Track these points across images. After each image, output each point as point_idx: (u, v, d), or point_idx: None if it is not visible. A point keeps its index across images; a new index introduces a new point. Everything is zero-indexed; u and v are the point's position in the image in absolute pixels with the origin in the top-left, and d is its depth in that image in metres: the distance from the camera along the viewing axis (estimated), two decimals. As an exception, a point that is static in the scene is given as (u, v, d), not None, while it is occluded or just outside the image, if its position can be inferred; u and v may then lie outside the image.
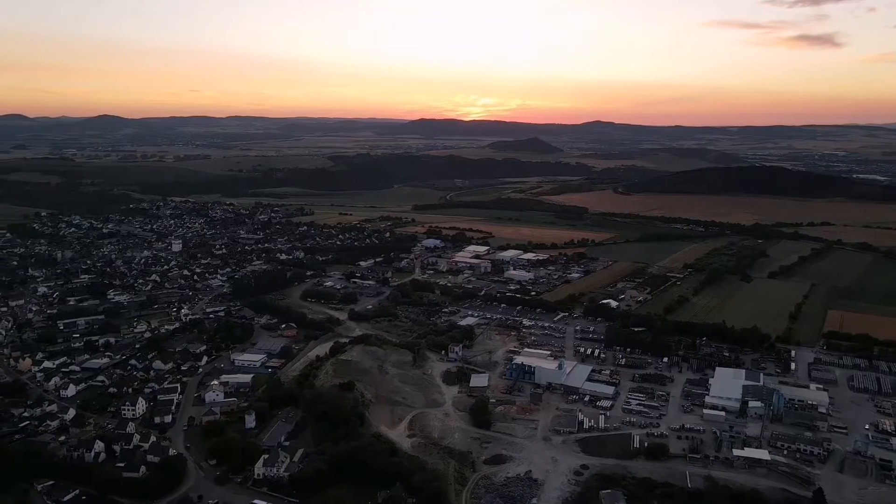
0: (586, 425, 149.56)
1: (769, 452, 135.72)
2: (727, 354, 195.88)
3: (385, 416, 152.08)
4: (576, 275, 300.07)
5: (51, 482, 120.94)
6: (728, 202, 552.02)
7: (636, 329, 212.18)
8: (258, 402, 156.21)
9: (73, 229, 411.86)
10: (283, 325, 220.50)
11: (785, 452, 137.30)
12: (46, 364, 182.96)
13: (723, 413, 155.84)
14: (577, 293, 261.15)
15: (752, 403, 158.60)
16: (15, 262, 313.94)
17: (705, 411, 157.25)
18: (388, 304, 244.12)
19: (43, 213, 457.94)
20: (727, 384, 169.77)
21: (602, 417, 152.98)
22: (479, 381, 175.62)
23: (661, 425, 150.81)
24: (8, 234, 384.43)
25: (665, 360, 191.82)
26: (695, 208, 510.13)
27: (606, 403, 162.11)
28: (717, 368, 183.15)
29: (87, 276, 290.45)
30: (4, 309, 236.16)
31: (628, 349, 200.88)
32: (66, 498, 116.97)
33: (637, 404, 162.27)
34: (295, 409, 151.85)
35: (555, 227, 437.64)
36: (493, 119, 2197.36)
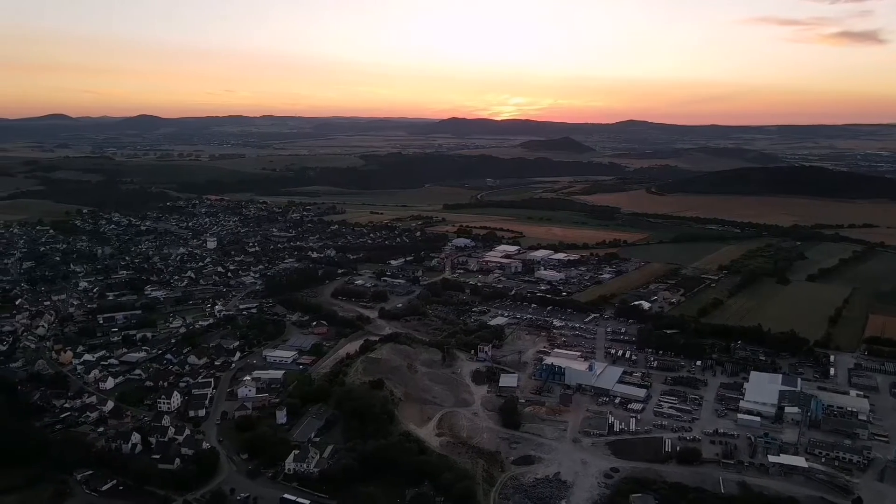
0: (617, 428, 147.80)
1: (806, 460, 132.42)
2: (763, 359, 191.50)
3: (414, 415, 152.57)
4: (607, 275, 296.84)
5: (90, 472, 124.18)
6: (766, 203, 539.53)
7: (669, 331, 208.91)
8: (289, 398, 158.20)
9: (112, 226, 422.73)
10: (315, 323, 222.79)
11: (823, 460, 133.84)
12: (87, 357, 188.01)
13: (758, 418, 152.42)
14: (608, 294, 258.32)
15: (788, 409, 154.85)
16: (58, 258, 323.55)
17: (740, 416, 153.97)
18: (417, 303, 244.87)
19: (84, 211, 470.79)
20: (763, 389, 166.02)
21: (633, 420, 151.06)
22: (508, 381, 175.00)
23: (693, 429, 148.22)
24: (51, 231, 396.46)
25: (698, 363, 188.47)
26: (731, 209, 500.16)
27: (637, 406, 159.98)
28: (752, 373, 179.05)
29: (125, 271, 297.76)
30: (47, 303, 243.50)
31: (660, 351, 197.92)
32: (104, 488, 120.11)
33: (669, 407, 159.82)
34: (325, 406, 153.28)
35: (586, 228, 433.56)
36: (524, 118, 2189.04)
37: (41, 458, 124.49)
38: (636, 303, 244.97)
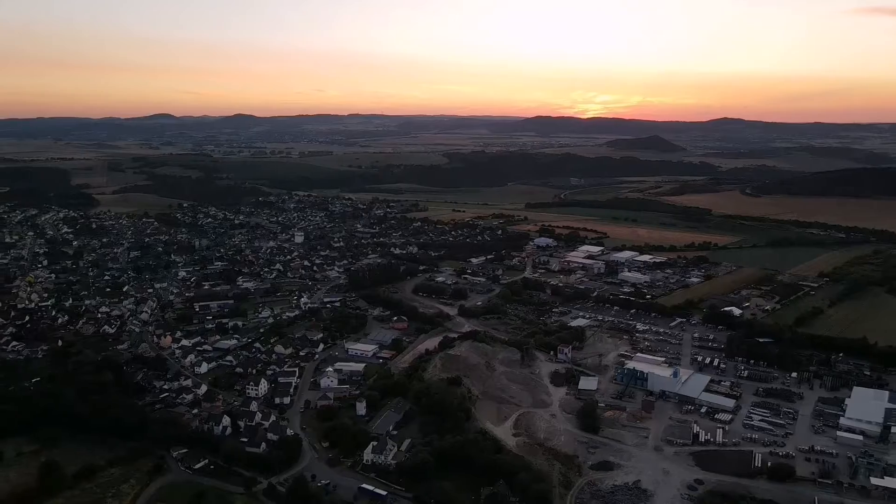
0: (702, 438, 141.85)
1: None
2: (868, 374, 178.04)
3: (491, 413, 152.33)
4: (695, 279, 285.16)
5: (185, 450, 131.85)
6: (875, 206, 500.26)
7: (762, 340, 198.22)
8: (369, 390, 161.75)
9: (209, 220, 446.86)
10: (395, 318, 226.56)
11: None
12: (184, 342, 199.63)
13: (860, 437, 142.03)
14: (696, 298, 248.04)
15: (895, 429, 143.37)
16: (160, 249, 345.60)
17: (839, 433, 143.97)
18: (497, 302, 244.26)
19: (184, 205, 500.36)
20: (867, 405, 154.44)
21: (720, 431, 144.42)
22: (588, 383, 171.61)
23: (786, 445, 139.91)
24: (155, 223, 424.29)
25: (794, 375, 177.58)
26: (835, 212, 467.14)
27: (725, 417, 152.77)
28: (854, 388, 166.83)
29: (220, 263, 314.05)
30: (150, 290, 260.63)
31: (752, 361, 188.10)
32: (196, 466, 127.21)
33: (760, 420, 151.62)
34: (403, 400, 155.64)
35: (674, 229, 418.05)
36: (611, 116, 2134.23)
37: (142, 434, 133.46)
38: (726, 309, 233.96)
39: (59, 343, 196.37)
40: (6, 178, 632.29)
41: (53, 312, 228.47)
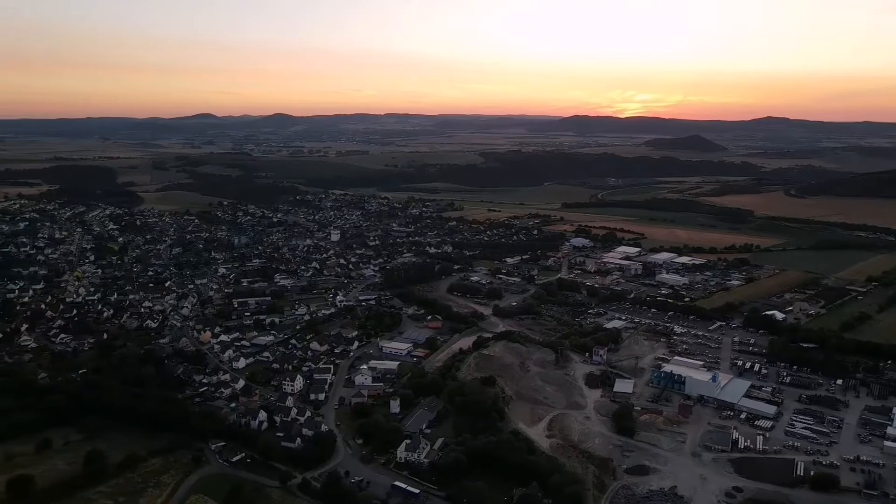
0: (741, 445, 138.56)
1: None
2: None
3: (524, 414, 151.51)
4: (736, 282, 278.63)
5: (222, 443, 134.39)
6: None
7: (805, 345, 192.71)
8: (403, 388, 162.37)
9: (248, 217, 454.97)
10: (429, 317, 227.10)
11: None
12: (223, 338, 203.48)
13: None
14: (736, 302, 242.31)
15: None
16: (201, 245, 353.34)
17: (887, 443, 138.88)
18: (532, 302, 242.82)
19: (224, 203, 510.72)
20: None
21: (760, 438, 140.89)
22: (623, 386, 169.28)
23: (830, 454, 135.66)
24: (196, 221, 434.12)
25: (839, 382, 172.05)
26: (885, 215, 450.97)
27: (766, 423, 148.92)
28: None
29: (258, 260, 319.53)
30: (191, 286, 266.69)
31: (795, 367, 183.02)
32: (234, 459, 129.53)
33: (803, 428, 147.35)
34: (437, 399, 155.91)
35: (714, 231, 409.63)
36: (650, 116, 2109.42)
37: (182, 426, 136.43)
38: (768, 313, 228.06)
39: (105, 336, 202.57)
40: (57, 175, 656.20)
41: (99, 306, 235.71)
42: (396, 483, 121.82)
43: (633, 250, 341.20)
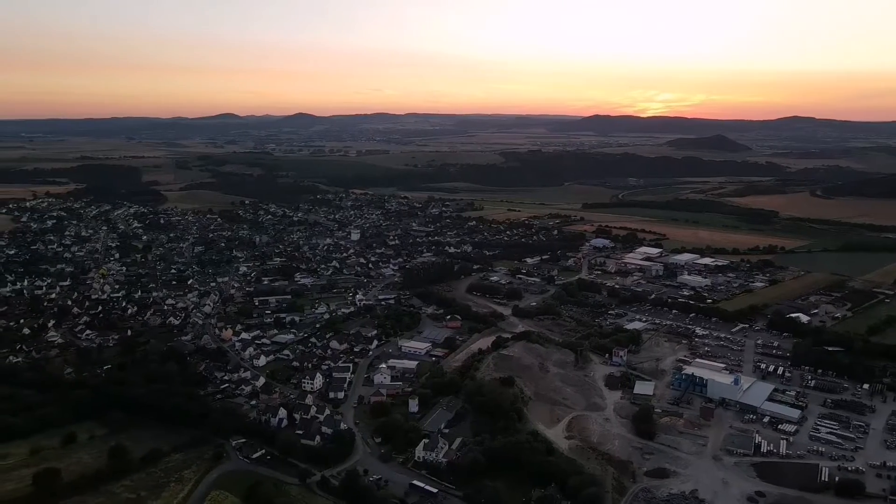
0: (764, 449, 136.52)
1: None
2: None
3: (543, 415, 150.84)
4: (759, 284, 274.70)
5: (243, 440, 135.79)
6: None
7: (831, 349, 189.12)
8: (422, 388, 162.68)
9: (269, 216, 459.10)
10: (448, 316, 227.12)
11: None
12: (244, 335, 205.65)
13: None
14: (759, 304, 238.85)
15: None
16: (223, 244, 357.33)
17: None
18: (552, 303, 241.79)
19: (246, 202, 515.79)
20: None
21: (784, 442, 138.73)
22: (643, 388, 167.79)
23: (856, 459, 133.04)
24: (219, 219, 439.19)
25: (866, 386, 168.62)
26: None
27: (790, 428, 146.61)
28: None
29: (278, 259, 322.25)
30: (213, 284, 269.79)
31: (819, 370, 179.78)
32: (254, 455, 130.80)
33: (827, 433, 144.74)
34: (456, 399, 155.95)
35: (738, 232, 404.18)
36: (672, 115, 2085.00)
37: (203, 423, 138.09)
38: (793, 315, 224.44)
39: (129, 333, 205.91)
40: (84, 174, 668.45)
41: (124, 303, 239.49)
42: (415, 482, 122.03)
43: (654, 251, 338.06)
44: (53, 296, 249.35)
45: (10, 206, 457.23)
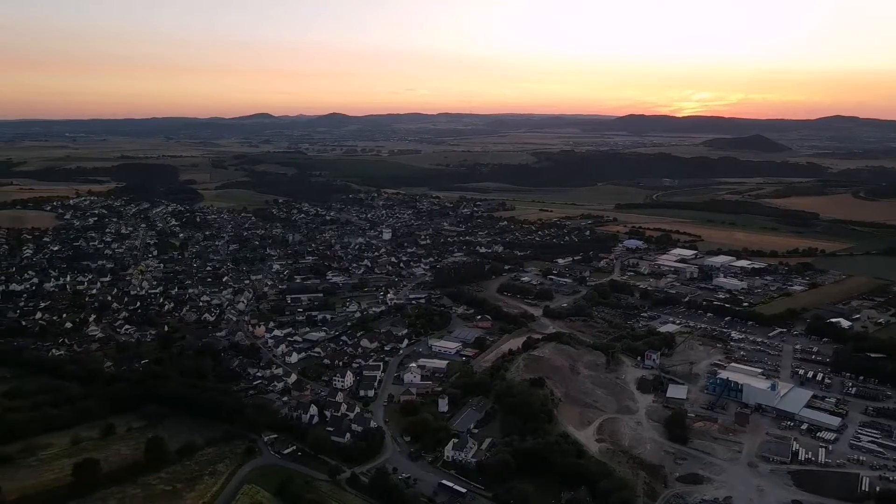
0: (802, 457, 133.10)
1: None
2: None
3: (573, 417, 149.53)
4: (798, 287, 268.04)
5: (275, 436, 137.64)
6: None
7: (873, 355, 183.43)
8: (451, 387, 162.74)
9: (302, 215, 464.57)
10: (479, 316, 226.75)
11: None
12: (276, 332, 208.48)
13: None
14: (798, 308, 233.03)
15: None
16: (257, 242, 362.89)
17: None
18: (583, 304, 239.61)
19: (280, 200, 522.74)
20: None
21: (822, 451, 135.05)
22: (676, 392, 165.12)
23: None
24: (253, 218, 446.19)
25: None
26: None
27: (829, 436, 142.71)
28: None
29: (311, 257, 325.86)
30: (247, 282, 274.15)
31: (861, 377, 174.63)
32: (285, 451, 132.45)
33: (869, 441, 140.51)
34: (485, 399, 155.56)
35: (776, 234, 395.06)
36: (709, 115, 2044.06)
37: (236, 418, 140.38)
38: (833, 320, 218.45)
39: (166, 328, 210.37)
40: (124, 173, 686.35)
41: (161, 299, 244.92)
42: (443, 481, 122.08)
43: (688, 253, 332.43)
44: (94, 291, 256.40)
45: (55, 203, 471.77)
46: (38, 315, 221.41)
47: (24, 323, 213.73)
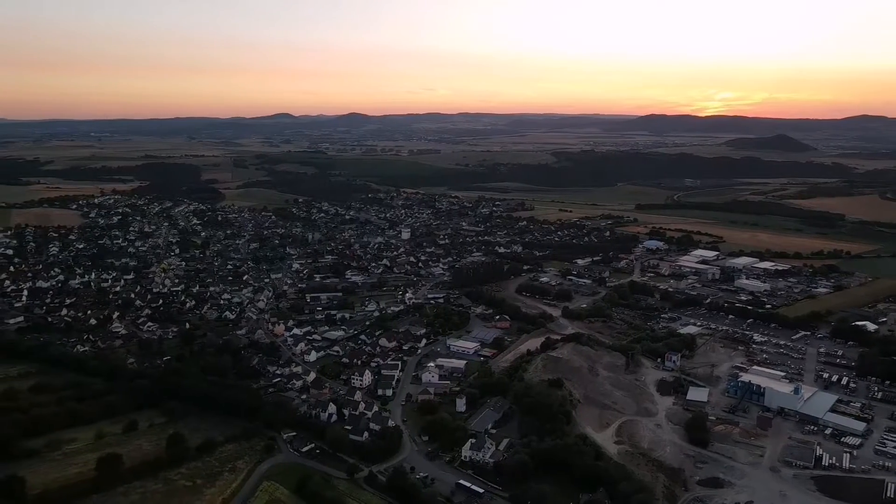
0: (825, 462, 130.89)
1: None
2: None
3: (592, 419, 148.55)
4: (823, 289, 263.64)
5: (293, 433, 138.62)
6: None
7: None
8: (469, 387, 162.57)
9: (322, 214, 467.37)
10: (497, 317, 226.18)
11: None
12: (296, 331, 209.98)
13: None
14: (822, 310, 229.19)
15: None
16: (277, 241, 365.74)
17: None
18: (603, 305, 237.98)
19: (300, 200, 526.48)
20: None
21: (847, 456, 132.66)
22: (697, 394, 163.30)
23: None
24: (273, 217, 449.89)
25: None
26: None
27: (854, 441, 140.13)
28: None
29: (330, 256, 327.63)
30: (267, 280, 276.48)
31: (887, 382, 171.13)
32: (304, 449, 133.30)
33: (895, 447, 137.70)
34: (503, 399, 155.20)
35: (800, 235, 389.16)
36: (732, 114, 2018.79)
37: (256, 415, 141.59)
38: (859, 323, 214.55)
39: (187, 326, 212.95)
40: (148, 172, 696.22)
41: (183, 297, 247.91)
42: (461, 481, 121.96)
43: (710, 254, 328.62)
44: (118, 289, 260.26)
45: (80, 202, 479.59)
46: (64, 312, 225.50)
47: (50, 319, 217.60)
